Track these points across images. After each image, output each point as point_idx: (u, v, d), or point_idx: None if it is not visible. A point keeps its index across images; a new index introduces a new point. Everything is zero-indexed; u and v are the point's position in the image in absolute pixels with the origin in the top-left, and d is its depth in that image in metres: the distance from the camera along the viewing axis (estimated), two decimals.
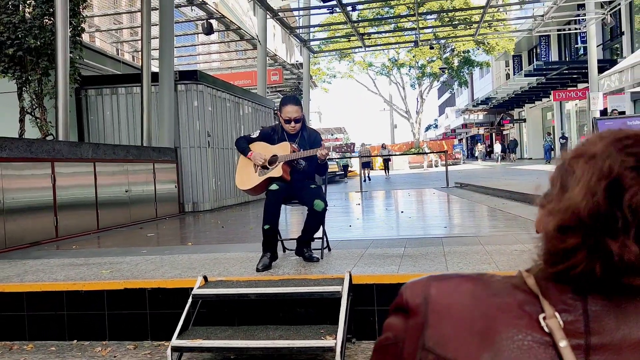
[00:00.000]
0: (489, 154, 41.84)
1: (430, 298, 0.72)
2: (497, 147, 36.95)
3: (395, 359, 0.74)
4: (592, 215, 0.63)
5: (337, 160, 23.34)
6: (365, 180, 20.32)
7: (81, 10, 9.59)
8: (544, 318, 0.65)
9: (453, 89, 55.87)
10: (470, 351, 0.66)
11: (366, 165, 23.68)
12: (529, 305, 0.67)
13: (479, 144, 44.77)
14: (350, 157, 19.49)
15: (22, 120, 9.08)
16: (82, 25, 9.56)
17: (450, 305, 0.70)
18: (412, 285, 0.76)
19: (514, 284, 0.70)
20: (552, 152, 27.01)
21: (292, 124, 4.18)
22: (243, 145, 4.31)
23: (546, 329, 0.65)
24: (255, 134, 4.38)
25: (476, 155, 42.65)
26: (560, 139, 25.35)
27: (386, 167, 26.36)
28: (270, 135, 4.29)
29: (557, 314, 0.65)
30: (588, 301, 0.66)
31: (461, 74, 39.58)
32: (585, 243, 0.64)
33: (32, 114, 9.08)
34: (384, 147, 28.30)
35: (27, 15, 8.78)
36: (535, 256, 0.72)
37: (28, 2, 8.83)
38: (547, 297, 0.67)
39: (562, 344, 0.63)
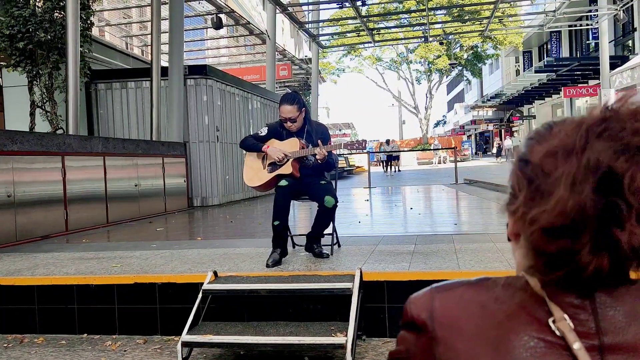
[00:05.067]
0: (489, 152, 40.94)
1: (436, 312, 0.70)
2: (508, 143, 36.47)
3: None
4: (591, 210, 0.60)
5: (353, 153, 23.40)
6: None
7: (91, 3, 9.60)
8: (554, 321, 0.64)
9: (465, 78, 55.43)
10: None
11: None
12: (536, 309, 0.65)
13: (497, 139, 44.30)
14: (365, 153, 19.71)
15: (32, 114, 9.12)
16: (92, 18, 9.57)
17: (457, 317, 0.68)
18: (415, 300, 0.73)
19: (518, 287, 0.68)
20: None
21: (288, 123, 4.15)
22: (252, 142, 4.25)
23: (557, 333, 0.63)
24: (264, 131, 4.30)
25: (497, 149, 41.01)
26: None
27: (389, 163, 25.11)
28: (279, 131, 4.25)
29: (566, 316, 0.64)
30: (595, 300, 0.65)
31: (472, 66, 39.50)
32: (589, 241, 0.60)
33: (43, 107, 9.11)
34: (388, 142, 27.56)
35: (37, 8, 8.81)
36: (522, 265, 0.69)
37: None
38: (554, 299, 0.65)
39: (576, 345, 0.62)
